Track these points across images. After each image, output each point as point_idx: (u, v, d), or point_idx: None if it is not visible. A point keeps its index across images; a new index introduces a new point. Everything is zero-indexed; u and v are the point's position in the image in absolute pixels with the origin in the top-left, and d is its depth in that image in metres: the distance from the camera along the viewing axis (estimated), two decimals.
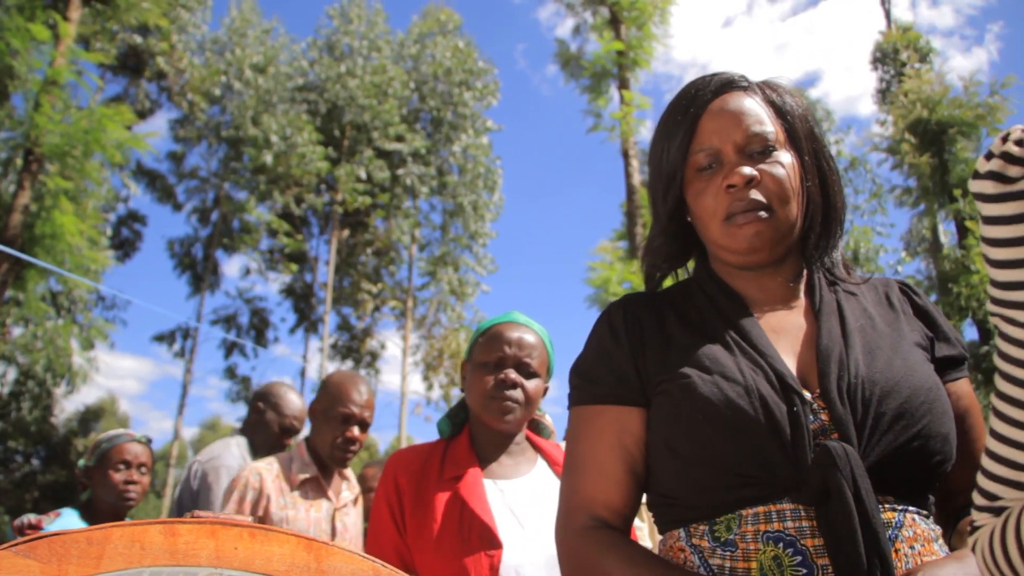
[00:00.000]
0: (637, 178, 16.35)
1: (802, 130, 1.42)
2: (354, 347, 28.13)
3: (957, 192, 13.43)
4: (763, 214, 1.32)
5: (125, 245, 26.58)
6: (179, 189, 27.90)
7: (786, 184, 1.34)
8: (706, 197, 1.37)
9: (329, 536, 3.01)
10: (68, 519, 3.06)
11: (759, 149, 1.35)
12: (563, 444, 2.27)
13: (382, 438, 37.56)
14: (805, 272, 1.46)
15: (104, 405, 34.96)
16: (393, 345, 27.92)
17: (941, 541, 1.26)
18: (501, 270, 28.71)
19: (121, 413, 39.66)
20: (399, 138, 26.86)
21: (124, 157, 14.71)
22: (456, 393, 25.71)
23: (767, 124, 1.37)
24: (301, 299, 28.30)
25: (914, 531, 1.20)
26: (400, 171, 26.82)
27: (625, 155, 16.30)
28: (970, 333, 15.83)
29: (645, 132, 17.05)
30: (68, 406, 27.89)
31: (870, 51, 22.09)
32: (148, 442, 3.37)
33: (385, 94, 27.15)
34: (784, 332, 1.36)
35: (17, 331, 15.86)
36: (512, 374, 2.10)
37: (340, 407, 3.07)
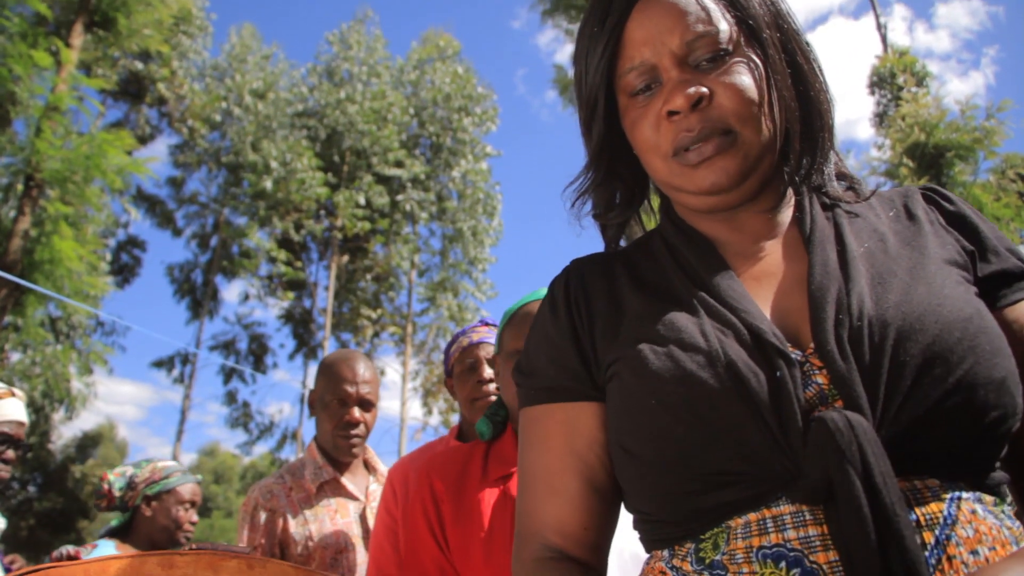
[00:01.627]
0: None
1: (764, 17, 1.07)
2: None
3: None
4: (723, 142, 1.01)
5: (124, 270, 26.60)
6: (179, 215, 28.01)
7: (749, 96, 1.01)
8: (644, 128, 1.07)
9: (362, 539, 2.75)
10: (104, 550, 3.01)
11: (707, 56, 1.03)
12: None
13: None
14: (792, 198, 1.14)
15: (102, 431, 34.87)
16: (392, 371, 27.86)
17: None
18: (500, 295, 28.72)
19: (120, 439, 39.55)
20: (398, 164, 26.94)
21: (124, 182, 14.74)
22: (455, 419, 25.65)
23: (714, 21, 1.03)
24: (300, 324, 28.27)
25: (976, 528, 0.86)
26: (399, 197, 26.86)
27: None
28: None
29: None
30: (66, 432, 27.83)
31: (867, 75, 22.26)
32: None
33: (384, 120, 27.25)
34: (767, 277, 1.06)
35: (16, 357, 15.81)
36: None
37: (334, 390, 2.77)
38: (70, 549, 2.86)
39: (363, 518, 2.80)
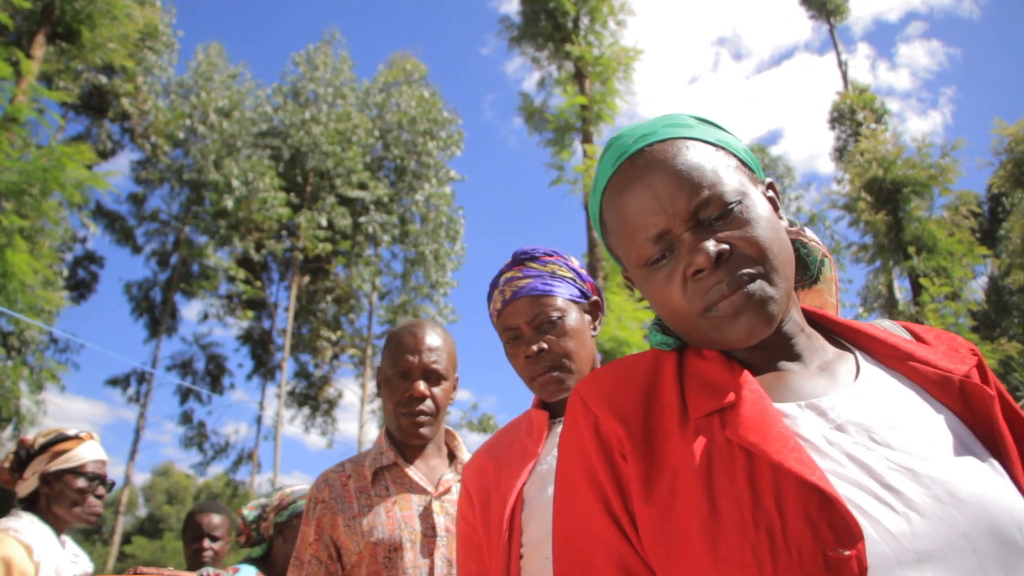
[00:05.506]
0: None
1: None
2: (312, 394, 27.85)
3: (911, 249, 13.71)
4: None
5: (81, 286, 26.21)
6: (139, 231, 27.71)
7: None
8: None
9: (419, 538, 2.24)
10: (245, 573, 3.07)
11: None
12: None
13: None
14: None
15: None
16: (351, 393, 27.66)
17: None
18: (462, 320, 28.65)
19: None
20: (362, 186, 26.90)
21: (83, 197, 14.56)
22: None
23: None
24: (259, 345, 28.02)
25: None
26: (362, 219, 26.82)
27: (586, 208, 16.43)
28: None
29: None
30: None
31: (828, 111, 22.74)
32: None
33: (349, 141, 27.23)
34: None
35: None
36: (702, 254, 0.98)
37: (395, 361, 2.31)
38: (210, 572, 2.90)
39: (427, 513, 2.29)
